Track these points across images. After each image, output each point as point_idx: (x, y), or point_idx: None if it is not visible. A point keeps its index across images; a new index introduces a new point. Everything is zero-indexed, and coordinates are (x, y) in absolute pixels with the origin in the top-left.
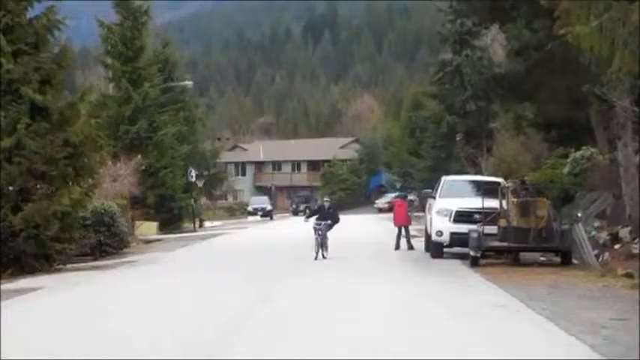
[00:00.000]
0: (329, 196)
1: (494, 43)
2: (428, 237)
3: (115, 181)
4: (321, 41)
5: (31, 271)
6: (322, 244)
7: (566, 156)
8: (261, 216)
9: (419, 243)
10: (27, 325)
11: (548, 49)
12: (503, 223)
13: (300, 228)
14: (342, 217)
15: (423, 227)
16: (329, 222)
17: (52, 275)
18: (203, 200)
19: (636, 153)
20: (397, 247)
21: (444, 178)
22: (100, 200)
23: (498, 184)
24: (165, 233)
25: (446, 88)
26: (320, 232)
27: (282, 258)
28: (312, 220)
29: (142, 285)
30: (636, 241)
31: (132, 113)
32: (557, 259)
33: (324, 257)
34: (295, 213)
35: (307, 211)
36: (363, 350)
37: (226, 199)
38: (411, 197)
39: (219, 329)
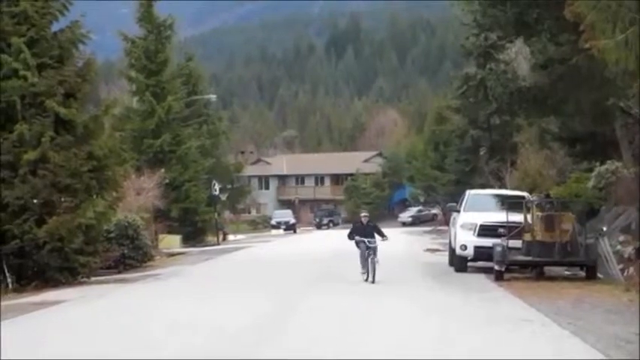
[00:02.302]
0: (366, 210)
1: (519, 56)
2: (452, 251)
3: (139, 194)
4: (344, 56)
5: (55, 284)
6: (373, 264)
7: (590, 170)
8: (285, 229)
9: (443, 257)
10: (50, 337)
11: (573, 62)
12: (527, 237)
13: (323, 242)
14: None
15: (447, 241)
16: (383, 238)
17: (76, 288)
18: (226, 213)
19: None
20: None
21: (468, 192)
22: (124, 213)
23: (523, 197)
24: (189, 246)
25: (470, 102)
26: (372, 251)
27: (305, 272)
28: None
29: (165, 298)
30: None
31: (155, 127)
32: (582, 274)
33: (373, 281)
34: (319, 227)
35: (330, 223)
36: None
37: (249, 213)
38: (434, 211)
39: (240, 344)
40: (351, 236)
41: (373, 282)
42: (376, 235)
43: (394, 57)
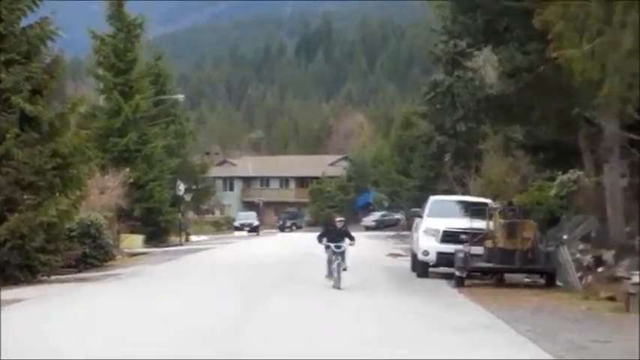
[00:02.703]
0: (341, 215)
1: (487, 64)
2: (414, 256)
3: (103, 193)
4: (314, 58)
5: (15, 282)
6: (339, 270)
7: (553, 178)
8: (248, 231)
9: (405, 262)
10: (4, 335)
11: (539, 71)
12: (489, 244)
13: (286, 245)
14: (322, 231)
15: (410, 246)
16: (352, 242)
17: (36, 286)
18: (190, 214)
19: (622, 177)
20: None
21: (432, 198)
22: (87, 212)
23: (486, 204)
24: (151, 247)
25: (437, 109)
26: (340, 256)
27: (268, 275)
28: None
29: (124, 298)
30: (619, 264)
31: (122, 125)
32: (542, 281)
33: (339, 287)
34: (282, 229)
35: (293, 226)
36: None
37: (213, 214)
38: (397, 216)
39: (196, 344)
40: (320, 239)
41: (339, 288)
42: (346, 239)
43: (364, 60)
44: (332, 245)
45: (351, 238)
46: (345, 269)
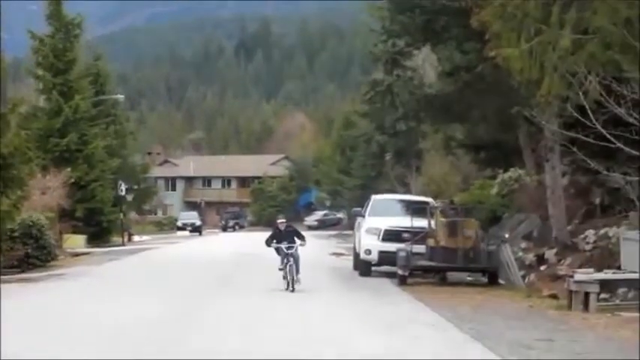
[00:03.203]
0: (283, 216)
1: (426, 64)
2: (357, 255)
3: (44, 193)
4: (253, 59)
5: None
6: (295, 270)
7: (494, 177)
8: (190, 231)
9: (348, 261)
10: None
11: (478, 71)
12: (431, 242)
13: (229, 244)
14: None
15: (352, 245)
16: (302, 242)
17: None
18: (132, 214)
19: (563, 175)
20: None
21: (373, 197)
22: (29, 212)
23: (427, 203)
24: (94, 247)
25: (377, 108)
26: (292, 257)
27: (211, 275)
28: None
29: (67, 299)
30: (562, 262)
31: (62, 126)
32: (484, 280)
33: (293, 289)
34: (225, 229)
35: (236, 225)
36: None
37: (156, 214)
38: (339, 215)
39: (136, 341)
40: (268, 242)
41: (293, 290)
42: (297, 240)
43: (303, 61)
44: (282, 246)
45: (302, 238)
46: (298, 282)
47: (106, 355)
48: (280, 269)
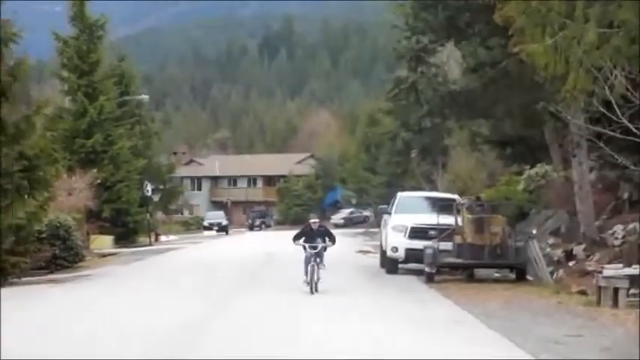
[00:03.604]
0: (316, 216)
1: (450, 60)
2: (383, 253)
3: (71, 194)
4: (276, 58)
5: None
6: (317, 272)
7: (520, 173)
8: (217, 231)
9: (374, 259)
10: None
11: (503, 66)
12: (458, 239)
13: (256, 244)
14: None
15: (379, 243)
16: (329, 243)
17: (6, 289)
18: (159, 214)
19: (590, 171)
20: None
21: (400, 195)
22: (56, 214)
23: (453, 200)
24: (121, 247)
25: (401, 105)
26: (317, 259)
27: (239, 274)
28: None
29: (95, 299)
30: (590, 258)
31: (87, 127)
32: (512, 276)
33: (316, 290)
34: (251, 228)
35: (262, 225)
36: None
37: (182, 214)
38: (366, 213)
39: (171, 343)
40: (296, 239)
41: (316, 291)
42: (326, 239)
43: (327, 59)
44: (307, 245)
45: (332, 238)
46: (322, 267)
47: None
48: (305, 282)
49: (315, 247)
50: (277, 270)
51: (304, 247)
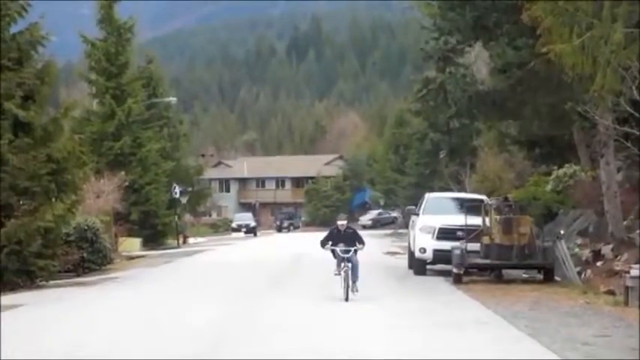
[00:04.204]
0: (345, 217)
1: (478, 60)
2: (411, 254)
3: (99, 197)
4: (305, 59)
5: (13, 287)
6: (353, 277)
7: (549, 173)
8: (245, 232)
9: (402, 260)
10: (4, 341)
11: (530, 66)
12: (486, 240)
13: (284, 246)
14: (326, 234)
15: (407, 244)
16: (360, 246)
17: (34, 292)
18: (187, 216)
19: (618, 171)
20: None
21: (428, 195)
22: (84, 216)
23: (481, 201)
24: (149, 249)
25: (430, 106)
26: (349, 262)
27: (267, 277)
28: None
29: (122, 302)
30: (618, 258)
31: (115, 129)
32: (540, 276)
33: (347, 298)
34: (279, 230)
35: (290, 226)
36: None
37: (210, 216)
38: (394, 214)
39: (197, 345)
40: (324, 243)
41: (347, 300)
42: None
43: (355, 60)
44: (337, 249)
45: (361, 242)
46: (356, 290)
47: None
48: (336, 274)
49: (347, 251)
50: (307, 273)
51: (334, 252)
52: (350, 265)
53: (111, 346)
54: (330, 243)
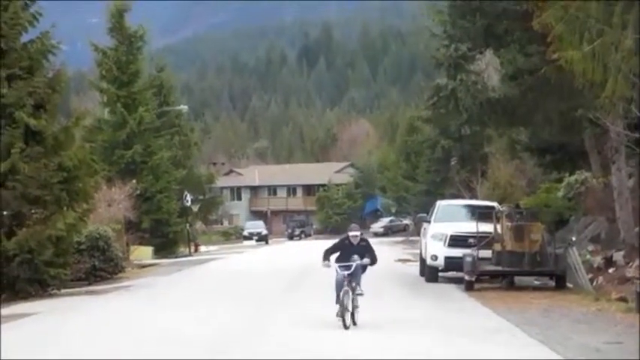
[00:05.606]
0: (357, 227)
1: (489, 67)
2: (423, 261)
3: (110, 205)
4: (315, 66)
5: (25, 296)
6: (353, 299)
7: (560, 180)
8: (257, 240)
9: (414, 267)
10: (17, 350)
11: (541, 73)
12: (497, 247)
13: (296, 254)
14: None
15: (418, 251)
16: (366, 261)
17: (46, 300)
18: (198, 225)
19: (630, 177)
20: None
21: (439, 203)
22: (95, 225)
23: (493, 208)
24: (160, 258)
25: (441, 113)
26: (352, 281)
27: (279, 286)
28: (334, 261)
29: (134, 310)
30: (630, 265)
31: (127, 138)
32: (552, 283)
33: (354, 323)
34: (291, 237)
35: (302, 234)
36: None
37: (222, 224)
38: (405, 221)
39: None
40: (326, 255)
41: (353, 324)
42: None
43: (365, 67)
44: (337, 266)
45: (372, 257)
46: (360, 294)
47: None
48: (338, 317)
49: (348, 267)
50: (319, 283)
51: (338, 267)
52: (352, 282)
53: (120, 355)
54: (339, 253)
